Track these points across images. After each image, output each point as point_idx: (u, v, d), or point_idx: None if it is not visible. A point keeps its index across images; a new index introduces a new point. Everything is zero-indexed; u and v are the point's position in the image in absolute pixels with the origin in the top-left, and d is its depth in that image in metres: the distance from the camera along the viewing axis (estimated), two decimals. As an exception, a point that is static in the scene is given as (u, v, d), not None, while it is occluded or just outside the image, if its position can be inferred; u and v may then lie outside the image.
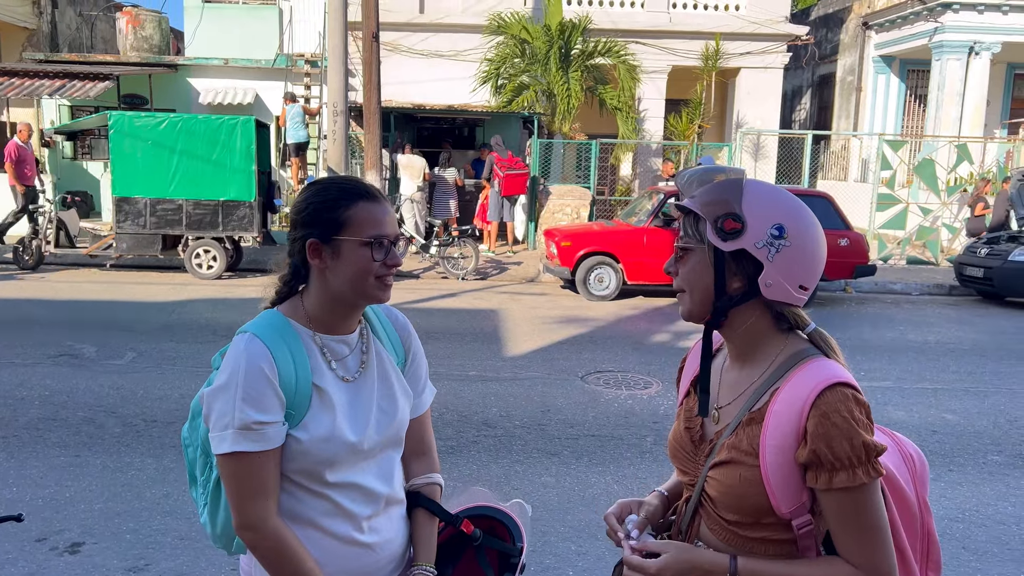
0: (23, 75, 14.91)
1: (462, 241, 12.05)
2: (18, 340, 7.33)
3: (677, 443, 1.56)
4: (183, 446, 1.68)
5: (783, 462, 1.33)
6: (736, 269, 1.40)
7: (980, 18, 16.91)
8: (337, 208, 1.53)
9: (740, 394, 1.45)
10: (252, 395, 1.45)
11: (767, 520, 1.38)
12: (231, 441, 1.45)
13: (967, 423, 5.82)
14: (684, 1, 17.71)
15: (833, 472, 1.29)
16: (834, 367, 1.37)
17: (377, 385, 1.62)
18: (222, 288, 10.59)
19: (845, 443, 1.28)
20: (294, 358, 1.51)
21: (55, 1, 20.33)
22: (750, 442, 1.37)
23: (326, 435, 1.51)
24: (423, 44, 17.00)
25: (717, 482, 1.41)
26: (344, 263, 1.53)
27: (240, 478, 1.47)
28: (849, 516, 1.31)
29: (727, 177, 1.44)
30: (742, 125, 17.67)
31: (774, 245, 1.37)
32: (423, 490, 1.74)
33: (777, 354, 1.43)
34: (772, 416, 1.35)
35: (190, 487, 1.69)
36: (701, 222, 1.42)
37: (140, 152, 10.96)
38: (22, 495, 4.16)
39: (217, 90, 16.92)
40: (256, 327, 1.53)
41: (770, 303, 1.42)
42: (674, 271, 1.48)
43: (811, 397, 1.31)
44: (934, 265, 14.13)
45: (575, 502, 4.31)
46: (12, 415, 5.36)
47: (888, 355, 7.90)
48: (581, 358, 7.39)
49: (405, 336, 1.75)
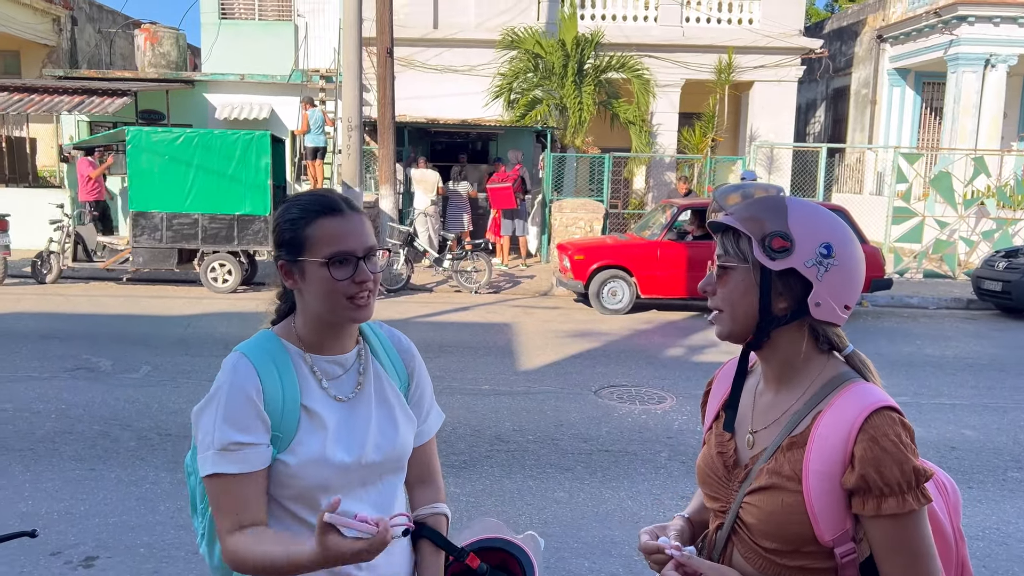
0: (43, 91, 15.13)
1: (475, 255, 12.06)
2: (36, 353, 7.39)
3: (708, 468, 1.50)
4: (186, 474, 1.64)
5: (828, 488, 1.28)
6: (782, 289, 1.36)
7: (996, 31, 16.83)
8: (297, 227, 1.48)
9: (777, 418, 1.40)
10: (233, 415, 1.42)
11: (808, 548, 1.32)
12: (212, 462, 1.41)
13: (986, 439, 5.75)
14: (697, 15, 17.74)
15: (882, 498, 1.25)
16: (878, 391, 1.33)
17: (375, 407, 1.55)
18: (237, 302, 10.65)
19: (895, 468, 1.24)
20: (282, 379, 1.47)
21: (75, 19, 20.65)
22: (792, 467, 1.32)
23: (316, 457, 1.46)
24: (437, 59, 17.11)
25: (756, 508, 1.36)
26: (310, 284, 1.48)
27: (221, 500, 1.42)
28: (897, 544, 1.27)
29: (766, 193, 1.44)
30: (756, 138, 17.64)
31: (823, 264, 1.33)
32: (428, 521, 1.67)
33: (816, 376, 1.38)
34: (816, 440, 1.31)
35: (192, 515, 1.64)
36: (743, 239, 1.37)
37: (157, 167, 11.07)
38: (37, 508, 4.18)
39: (233, 105, 17.08)
40: (246, 346, 1.51)
41: (812, 324, 1.38)
42: (711, 290, 1.42)
43: (859, 421, 1.27)
44: (951, 279, 14.00)
45: (588, 518, 4.28)
46: (29, 428, 5.39)
47: (905, 370, 7.82)
48: (594, 372, 7.36)
49: (408, 359, 1.67)
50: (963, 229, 14.32)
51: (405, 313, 9.87)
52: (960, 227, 14.27)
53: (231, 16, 17.93)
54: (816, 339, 1.39)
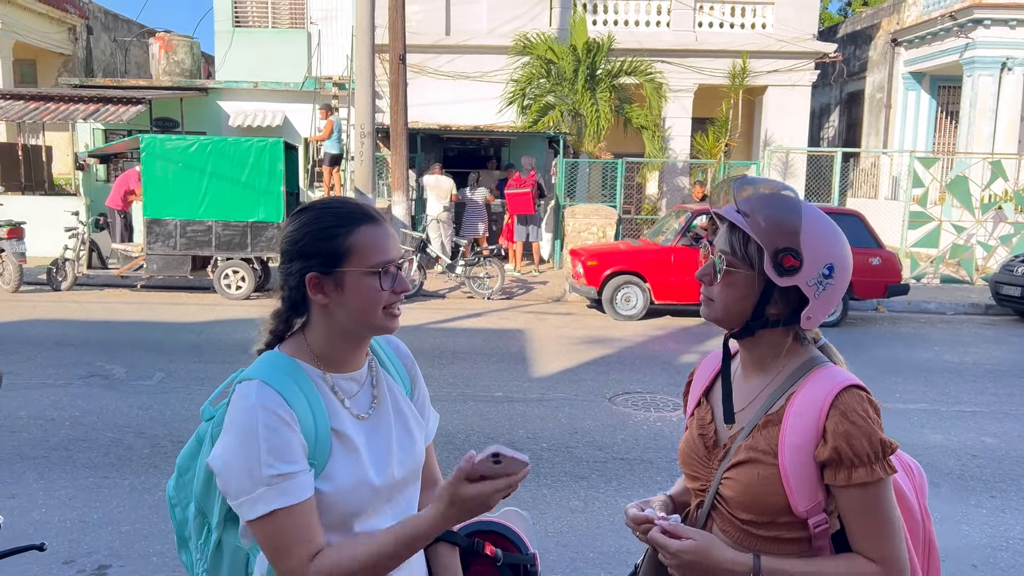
0: (59, 100, 15.24)
1: (488, 261, 12.04)
2: (51, 361, 7.41)
3: (690, 450, 1.57)
4: (170, 505, 1.54)
5: (802, 461, 1.37)
6: (779, 299, 1.43)
7: (1012, 34, 16.68)
8: (336, 236, 1.40)
9: (753, 399, 1.49)
10: (276, 445, 1.31)
11: (782, 519, 1.40)
12: (265, 501, 1.29)
13: (1008, 447, 5.65)
14: (710, 20, 17.69)
15: (853, 468, 1.33)
16: (846, 372, 1.43)
17: (393, 421, 1.51)
18: (250, 308, 10.66)
19: (864, 441, 1.33)
20: (310, 403, 1.38)
21: (90, 28, 20.84)
22: (768, 443, 1.41)
23: (354, 483, 1.39)
24: (449, 66, 17.13)
25: (734, 482, 1.44)
26: (350, 296, 1.40)
27: (277, 536, 1.31)
28: (866, 511, 1.35)
29: (786, 196, 1.44)
30: (770, 143, 17.54)
31: (823, 284, 1.41)
32: None
33: (789, 361, 1.48)
34: (791, 417, 1.39)
35: (179, 549, 1.55)
36: (752, 245, 1.41)
37: (171, 174, 11.11)
38: (50, 516, 4.17)
39: (247, 113, 17.17)
40: (263, 373, 1.38)
41: (795, 328, 1.48)
42: (709, 280, 1.48)
43: (829, 398, 1.37)
44: (969, 284, 13.85)
45: (604, 527, 4.22)
46: (43, 435, 5.39)
47: (924, 376, 7.72)
48: (609, 379, 7.31)
49: (410, 366, 1.64)
50: (980, 234, 14.17)
51: (417, 319, 9.85)
52: (977, 232, 14.13)
53: (245, 24, 18.04)
54: (795, 335, 1.49)
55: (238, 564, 1.48)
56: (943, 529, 4.29)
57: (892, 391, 7.12)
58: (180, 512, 1.53)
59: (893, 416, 6.33)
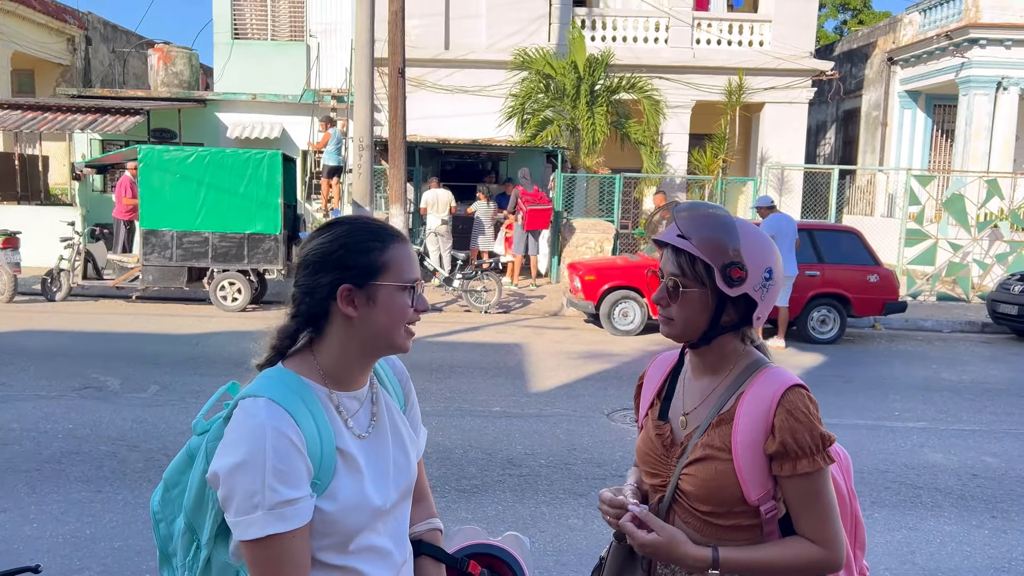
0: (56, 110, 15.22)
1: (485, 274, 12.01)
2: (44, 372, 7.35)
3: (647, 449, 1.68)
4: (154, 520, 1.51)
5: (753, 455, 1.51)
6: (732, 307, 1.57)
7: (1007, 53, 16.79)
8: (372, 251, 1.42)
9: (705, 399, 1.62)
10: (282, 470, 1.29)
11: (738, 508, 1.54)
12: (261, 524, 1.28)
13: (1008, 466, 5.63)
14: (708, 37, 17.78)
15: (797, 459, 1.48)
16: (788, 373, 1.58)
17: (391, 439, 1.51)
18: (247, 320, 10.61)
19: (807, 435, 1.48)
20: (316, 422, 1.37)
21: (89, 38, 20.86)
22: (722, 440, 1.54)
23: (356, 502, 1.39)
24: (448, 80, 17.17)
25: (693, 477, 1.56)
26: (380, 310, 1.42)
27: (273, 562, 1.31)
28: (809, 498, 1.50)
29: (719, 215, 1.57)
30: (767, 159, 17.60)
31: (765, 286, 1.57)
32: (425, 536, 1.66)
33: (735, 363, 1.62)
34: (741, 416, 1.53)
35: (160, 566, 1.51)
36: (699, 263, 1.55)
37: (168, 185, 11.08)
38: (42, 531, 4.11)
39: (245, 124, 17.17)
40: (270, 390, 1.36)
41: (745, 329, 1.63)
42: (665, 303, 1.61)
43: (776, 397, 1.51)
44: (965, 302, 13.87)
45: (603, 545, 4.12)
46: (36, 448, 5.33)
47: (922, 394, 7.70)
48: (607, 394, 7.27)
49: (404, 382, 1.65)
50: (977, 252, 14.21)
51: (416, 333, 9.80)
52: (974, 250, 14.16)
53: (244, 36, 18.06)
54: (742, 337, 1.64)
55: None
56: (946, 551, 4.26)
57: (891, 409, 7.10)
58: (165, 528, 1.49)
59: (893, 434, 6.30)
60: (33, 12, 18.28)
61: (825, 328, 10.37)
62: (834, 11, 36.13)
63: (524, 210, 13.68)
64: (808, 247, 10.33)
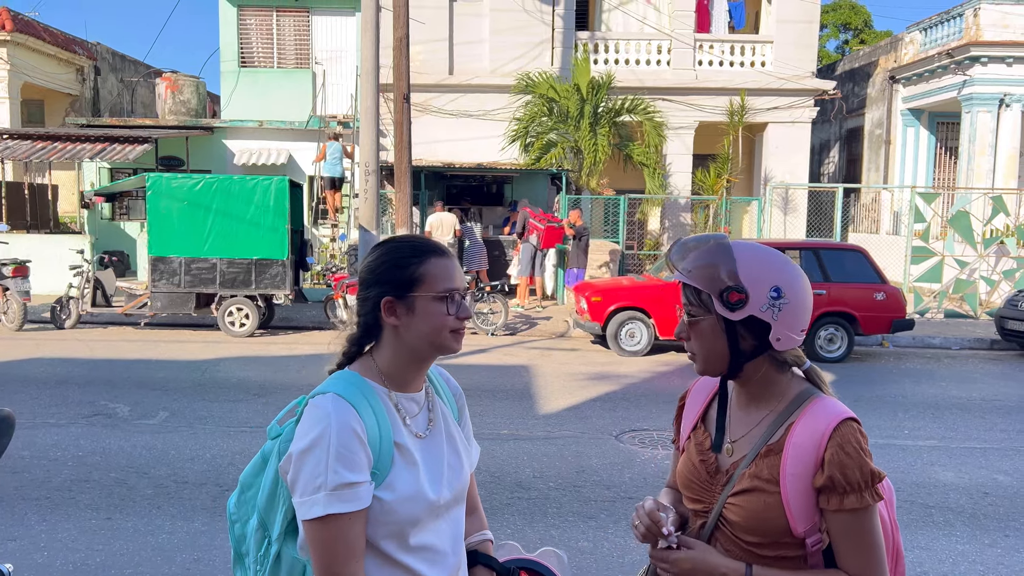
0: (65, 139, 15.40)
1: (491, 296, 12.04)
2: (54, 400, 7.38)
3: (691, 475, 1.66)
4: (230, 521, 1.64)
5: (802, 488, 1.49)
6: (745, 332, 1.55)
7: (1009, 71, 16.86)
8: (409, 265, 1.56)
9: (752, 429, 1.60)
10: (344, 455, 1.43)
11: (784, 540, 1.51)
12: (324, 504, 1.40)
13: (1021, 484, 5.59)
14: (710, 58, 17.90)
15: (845, 495, 1.46)
16: (839, 404, 1.54)
17: (445, 442, 1.63)
18: (255, 346, 10.65)
19: (857, 471, 1.46)
20: (377, 416, 1.51)
21: (98, 68, 21.12)
22: (770, 471, 1.52)
23: (412, 493, 1.51)
24: (453, 104, 17.31)
25: (739, 508, 1.54)
26: (419, 319, 1.55)
27: (332, 542, 1.42)
28: (854, 534, 1.48)
29: (714, 244, 1.57)
30: (770, 179, 17.65)
31: (775, 305, 1.53)
32: (479, 548, 1.77)
33: (783, 393, 1.59)
34: (791, 448, 1.51)
35: (234, 565, 1.64)
36: (703, 293, 1.56)
37: (176, 212, 11.17)
38: (53, 559, 4.12)
39: (252, 151, 17.32)
40: (337, 387, 1.52)
41: (773, 354, 1.58)
42: (686, 336, 1.62)
43: (828, 431, 1.48)
44: (973, 319, 13.82)
45: (614, 569, 4.16)
46: (46, 476, 5.35)
47: (931, 412, 7.67)
48: (615, 416, 7.26)
49: (459, 398, 1.78)
50: (983, 268, 14.18)
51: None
52: (980, 266, 14.13)
53: (250, 64, 18.28)
54: (778, 364, 1.60)
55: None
56: (958, 570, 4.23)
57: (900, 427, 7.06)
58: (239, 528, 1.62)
59: (903, 453, 6.27)
60: (43, 44, 18.54)
61: (832, 346, 10.35)
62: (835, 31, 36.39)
63: (540, 229, 13.70)
64: (814, 266, 10.33)
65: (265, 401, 7.38)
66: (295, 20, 18.22)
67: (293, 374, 8.90)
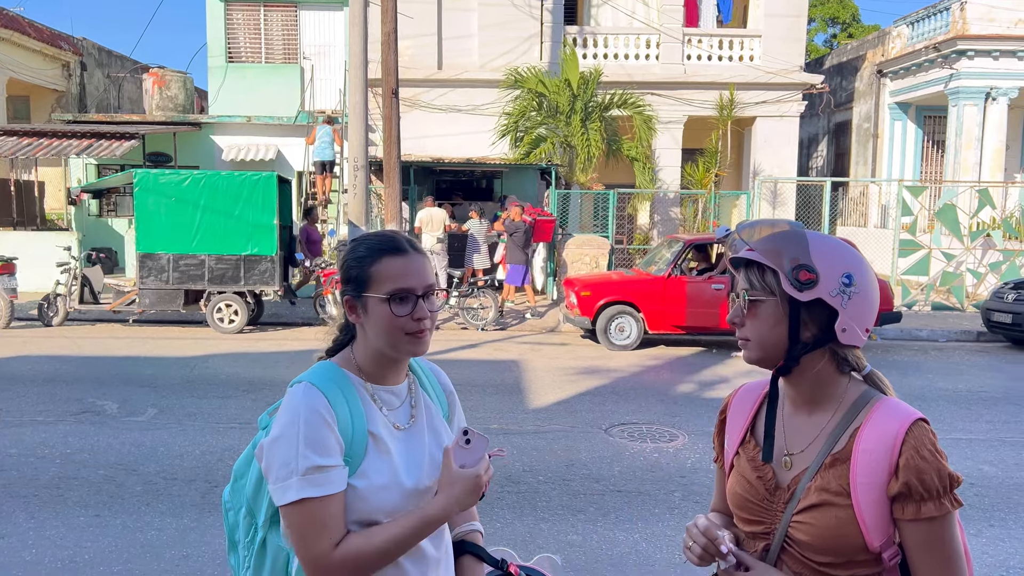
0: (52, 135, 15.29)
1: (481, 292, 12.04)
2: (42, 397, 7.35)
3: (747, 494, 1.54)
4: (224, 510, 1.67)
5: (875, 498, 1.38)
6: (809, 318, 1.44)
7: (996, 64, 16.96)
8: (363, 265, 1.56)
9: (814, 439, 1.48)
10: (314, 439, 1.44)
11: (859, 557, 1.41)
12: (296, 489, 1.43)
13: (1005, 475, 5.65)
14: (699, 53, 17.92)
15: (922, 502, 1.35)
16: (907, 406, 1.43)
17: (428, 436, 1.63)
18: (243, 342, 10.62)
19: (934, 475, 1.35)
20: (350, 405, 1.52)
21: (84, 64, 20.96)
22: (839, 482, 1.40)
23: (385, 482, 1.51)
24: (441, 99, 17.28)
25: (808, 526, 1.43)
26: (372, 319, 1.55)
27: (308, 526, 1.44)
28: (932, 545, 1.37)
29: (788, 227, 1.49)
30: (759, 173, 17.70)
31: (846, 292, 1.42)
32: (468, 537, 1.77)
33: (843, 396, 1.48)
34: (860, 455, 1.39)
35: (229, 553, 1.67)
36: (768, 273, 1.45)
37: (164, 209, 11.13)
38: (41, 556, 4.11)
39: (240, 147, 17.24)
40: (311, 377, 1.55)
41: (834, 348, 1.47)
42: (740, 321, 1.50)
43: (901, 433, 1.37)
44: (960, 311, 13.93)
45: (603, 562, 4.19)
46: (34, 473, 5.33)
47: (918, 404, 7.69)
48: (604, 410, 7.28)
49: (450, 396, 1.78)
50: (970, 261, 14.28)
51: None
52: (967, 259, 14.23)
53: (238, 59, 18.17)
54: (838, 362, 1.48)
55: (279, 564, 1.60)
56: (943, 559, 4.26)
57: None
58: (233, 516, 1.65)
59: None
60: (28, 39, 18.38)
61: (821, 340, 10.39)
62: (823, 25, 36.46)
63: (529, 221, 13.70)
64: (802, 259, 10.37)
65: (254, 397, 7.37)
66: (282, 15, 18.13)
67: (282, 370, 8.89)
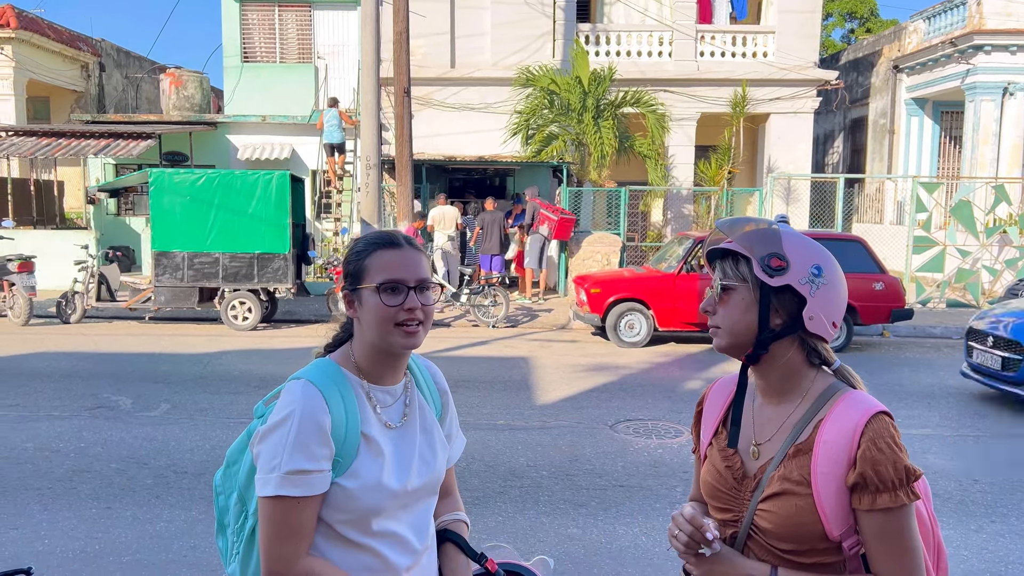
0: (71, 136, 15.52)
1: (492, 289, 12.11)
2: (59, 393, 7.49)
3: (716, 481, 1.59)
4: (215, 493, 1.71)
5: (835, 488, 1.41)
6: (778, 304, 1.49)
7: (1013, 59, 16.78)
8: (360, 259, 1.61)
9: (779, 429, 1.52)
10: (303, 442, 1.48)
11: (821, 546, 1.45)
12: (275, 484, 1.47)
13: (1010, 471, 5.63)
14: (712, 50, 17.88)
15: (877, 493, 1.38)
16: (871, 398, 1.47)
17: (419, 435, 1.67)
18: (257, 339, 10.75)
19: (890, 467, 1.38)
20: (346, 405, 1.55)
21: (102, 65, 21.23)
22: (800, 472, 1.45)
23: (374, 483, 1.55)
24: (454, 98, 17.35)
25: (771, 514, 1.47)
26: (365, 311, 1.59)
27: (278, 521, 1.49)
28: (888, 535, 1.39)
29: (767, 225, 1.55)
30: (773, 170, 17.63)
31: (815, 282, 1.48)
32: (450, 526, 1.80)
33: (810, 388, 1.52)
34: (821, 445, 1.43)
35: (217, 535, 1.72)
36: (742, 262, 1.51)
37: (179, 207, 11.27)
38: (53, 547, 4.22)
39: (255, 146, 17.41)
40: (311, 374, 1.58)
41: (804, 339, 1.52)
42: (712, 310, 1.56)
43: (860, 426, 1.41)
44: (975, 308, 13.80)
45: (602, 555, 4.23)
46: (48, 467, 5.45)
47: (927, 401, 7.71)
48: (611, 406, 7.32)
49: (444, 395, 1.81)
50: (986, 258, 14.16)
51: (422, 348, 9.85)
52: (983, 256, 14.11)
53: (253, 59, 18.34)
54: (807, 353, 1.53)
55: None
56: (941, 554, 4.28)
57: (895, 416, 7.08)
58: (223, 500, 1.69)
59: (895, 441, 6.31)
60: (48, 41, 18.64)
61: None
62: (841, 20, 36.19)
63: (553, 220, 13.69)
64: (812, 256, 10.34)
65: (265, 393, 7.40)
66: (297, 15, 18.27)
67: (294, 366, 8.86)
